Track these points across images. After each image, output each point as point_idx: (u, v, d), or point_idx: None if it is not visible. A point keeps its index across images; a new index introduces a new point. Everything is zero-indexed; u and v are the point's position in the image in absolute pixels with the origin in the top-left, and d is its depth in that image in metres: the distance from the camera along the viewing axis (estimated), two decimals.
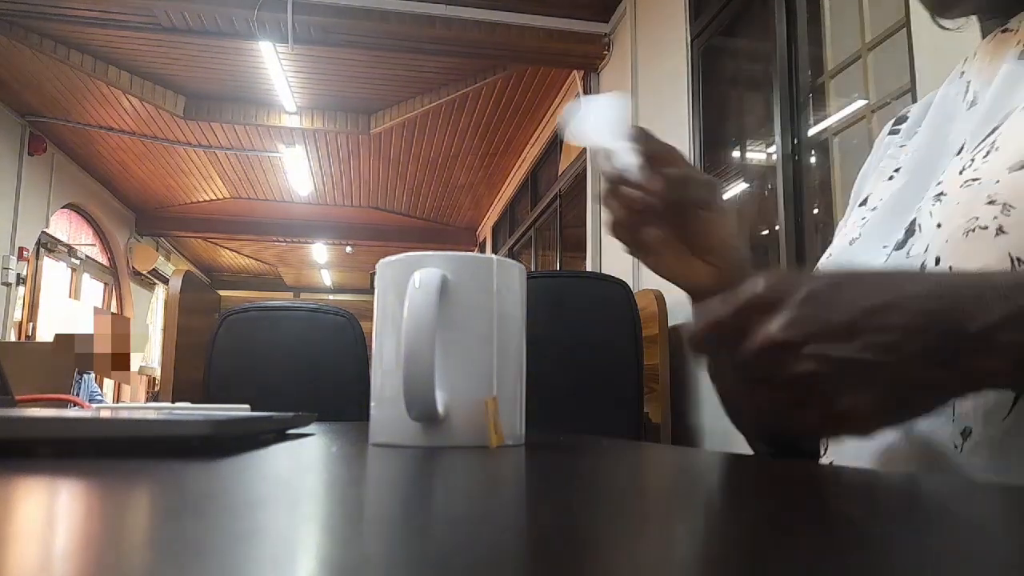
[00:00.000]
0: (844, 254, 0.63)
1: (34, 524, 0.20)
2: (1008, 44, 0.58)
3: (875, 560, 0.16)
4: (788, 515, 0.23)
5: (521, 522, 0.21)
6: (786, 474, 0.35)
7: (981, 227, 0.46)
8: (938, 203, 0.52)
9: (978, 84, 0.60)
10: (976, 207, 0.47)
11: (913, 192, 0.60)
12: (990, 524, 0.23)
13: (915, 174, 0.62)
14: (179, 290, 2.85)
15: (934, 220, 0.51)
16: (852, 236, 0.63)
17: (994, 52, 0.60)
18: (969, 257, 0.46)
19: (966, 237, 0.47)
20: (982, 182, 0.48)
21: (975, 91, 0.60)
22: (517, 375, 0.48)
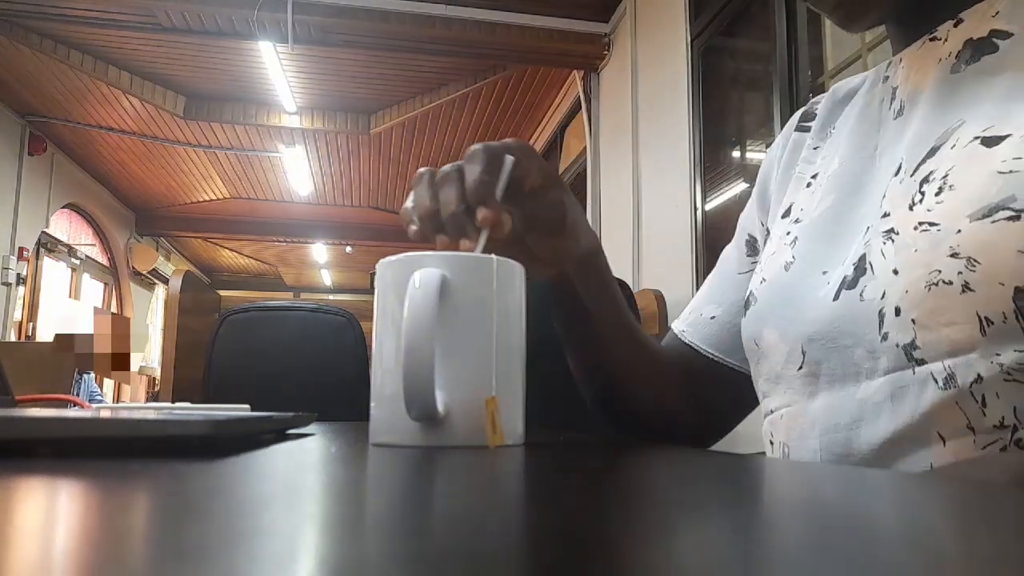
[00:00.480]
0: (781, 280, 0.60)
1: (34, 524, 0.20)
2: (936, 53, 0.57)
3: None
4: (789, 516, 0.23)
5: (521, 522, 0.21)
6: (786, 475, 0.35)
7: (945, 282, 0.45)
8: (890, 242, 0.50)
9: (905, 92, 0.58)
10: (937, 258, 0.45)
11: (845, 213, 0.58)
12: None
13: (844, 191, 0.60)
14: (179, 290, 2.84)
15: (888, 263, 0.49)
16: (785, 259, 0.61)
17: (922, 60, 0.58)
18: (934, 312, 0.45)
19: (928, 291, 0.45)
20: (942, 229, 0.46)
21: (902, 99, 0.59)
22: (517, 375, 0.48)
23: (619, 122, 4.02)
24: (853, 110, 0.66)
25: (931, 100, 0.55)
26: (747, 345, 0.64)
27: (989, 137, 0.48)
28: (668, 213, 3.29)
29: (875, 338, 0.49)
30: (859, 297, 0.50)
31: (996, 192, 0.44)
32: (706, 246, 3.05)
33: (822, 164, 0.66)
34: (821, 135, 0.70)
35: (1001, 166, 0.45)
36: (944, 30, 0.57)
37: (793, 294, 0.58)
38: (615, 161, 4.10)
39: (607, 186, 4.25)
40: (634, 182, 3.72)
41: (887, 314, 0.48)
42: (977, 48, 0.53)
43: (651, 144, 3.64)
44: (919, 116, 0.55)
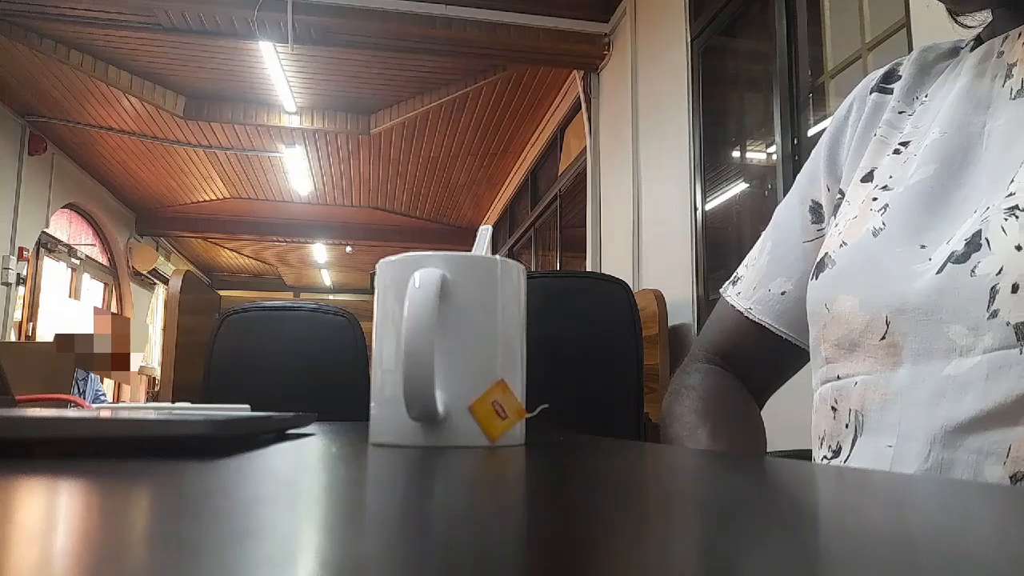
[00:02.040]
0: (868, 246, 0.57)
1: (34, 524, 0.20)
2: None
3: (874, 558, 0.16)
4: (789, 516, 0.23)
5: (521, 522, 0.21)
6: (787, 475, 0.35)
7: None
8: (1013, 219, 0.48)
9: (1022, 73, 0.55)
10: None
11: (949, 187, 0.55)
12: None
13: (946, 163, 0.57)
14: (179, 290, 2.84)
15: (1010, 240, 0.47)
16: (874, 224, 0.58)
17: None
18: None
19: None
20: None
21: (1022, 78, 0.56)
22: (517, 375, 0.48)
23: (619, 122, 4.02)
24: (956, 82, 0.62)
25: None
26: (813, 308, 0.61)
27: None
28: (668, 213, 3.29)
29: (981, 315, 0.47)
30: (970, 272, 0.48)
31: None
32: (706, 246, 3.05)
33: (914, 133, 0.63)
34: (907, 100, 0.67)
35: None
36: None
37: (882, 262, 0.55)
38: (615, 161, 4.10)
39: (607, 186, 4.25)
40: (634, 182, 3.72)
41: (1002, 290, 0.46)
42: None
43: (651, 144, 3.64)
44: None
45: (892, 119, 0.66)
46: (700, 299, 3.00)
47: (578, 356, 1.94)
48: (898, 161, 0.62)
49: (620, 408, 2.01)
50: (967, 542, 0.19)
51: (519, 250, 6.86)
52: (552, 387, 0.87)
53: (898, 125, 0.65)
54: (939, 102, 0.63)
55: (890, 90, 0.69)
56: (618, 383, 2.01)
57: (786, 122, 2.53)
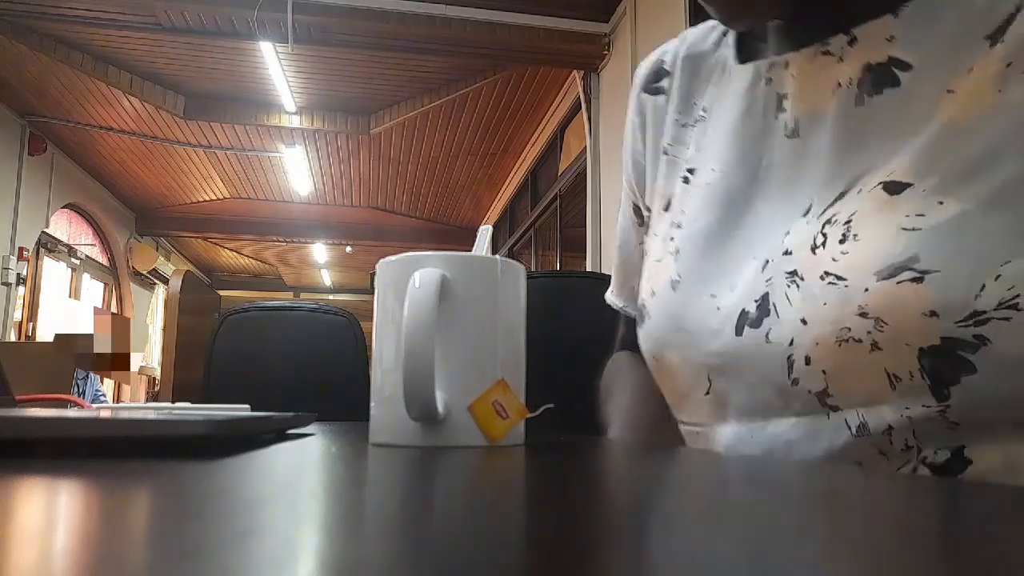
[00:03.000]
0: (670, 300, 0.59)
1: (34, 524, 0.20)
2: (832, 73, 0.54)
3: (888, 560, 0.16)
4: (790, 516, 0.23)
5: (521, 522, 0.21)
6: (787, 475, 0.35)
7: (855, 339, 0.46)
8: (795, 287, 0.49)
9: (799, 110, 0.56)
10: (847, 316, 0.46)
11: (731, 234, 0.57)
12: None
13: (727, 207, 0.58)
14: (179, 290, 2.85)
15: (796, 311, 0.49)
16: (671, 276, 0.60)
17: (815, 78, 0.55)
18: (844, 368, 0.46)
19: (839, 346, 0.46)
20: (849, 286, 0.46)
21: (796, 118, 0.56)
22: (517, 375, 0.48)
23: (619, 122, 3.99)
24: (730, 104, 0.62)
25: (834, 132, 0.53)
26: (648, 359, 0.63)
27: (892, 183, 0.48)
28: None
29: (784, 380, 0.49)
30: (765, 339, 0.50)
31: (901, 250, 0.45)
32: None
33: (697, 158, 0.63)
34: (685, 107, 0.67)
35: (905, 221, 0.45)
36: (837, 45, 0.54)
37: (686, 319, 0.57)
38: (615, 160, 4.10)
39: (607, 186, 4.25)
40: None
41: (796, 361, 0.49)
42: (877, 78, 0.52)
43: None
44: (825, 149, 0.53)
45: (676, 134, 0.67)
46: None
47: (578, 356, 1.94)
48: (687, 193, 0.63)
49: None
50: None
51: (519, 250, 6.86)
52: (552, 387, 0.86)
53: (683, 140, 0.66)
54: (716, 120, 0.63)
55: (662, 90, 0.70)
56: None
57: None
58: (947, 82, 0.49)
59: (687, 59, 0.69)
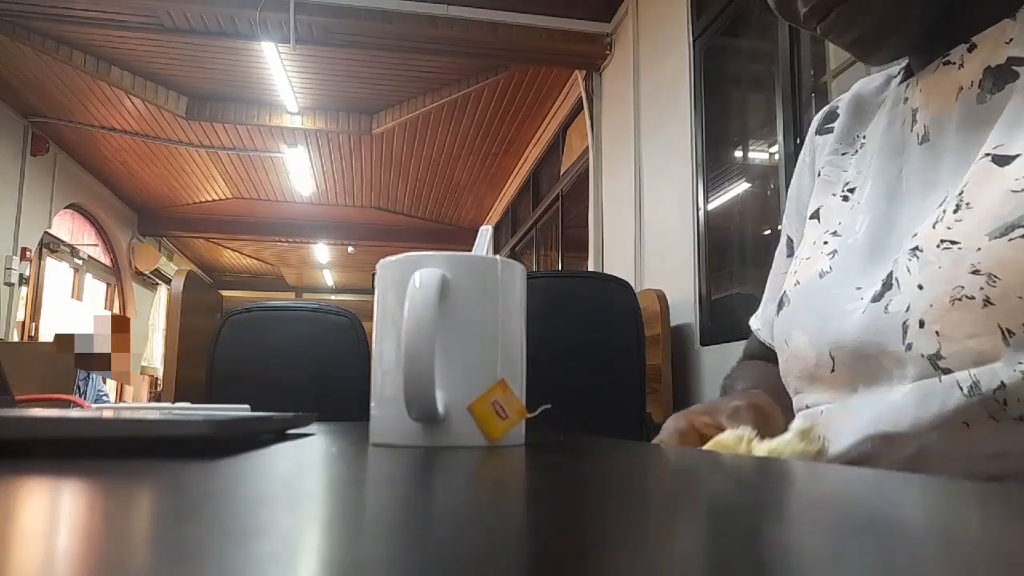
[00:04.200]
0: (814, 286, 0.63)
1: (34, 524, 0.20)
2: (954, 78, 0.58)
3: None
4: (790, 516, 0.23)
5: (521, 523, 0.21)
6: (788, 477, 0.35)
7: (968, 296, 0.47)
8: (915, 259, 0.52)
9: (928, 118, 0.60)
10: (960, 275, 0.48)
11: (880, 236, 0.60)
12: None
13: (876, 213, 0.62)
14: (181, 290, 2.85)
15: (913, 279, 0.52)
16: (821, 268, 0.63)
17: (939, 85, 0.59)
18: (957, 326, 0.48)
19: (952, 305, 0.48)
20: (963, 247, 0.48)
21: (925, 125, 0.60)
22: (518, 375, 0.48)
23: (621, 122, 4.02)
24: (878, 127, 0.67)
25: (961, 130, 0.56)
26: (777, 343, 0.67)
27: (1000, 156, 0.50)
28: (670, 213, 3.28)
29: (899, 348, 0.51)
30: (884, 309, 0.53)
31: (1011, 210, 0.46)
32: (708, 246, 3.05)
33: (857, 177, 0.67)
34: (848, 139, 0.71)
35: (1014, 184, 0.47)
36: (958, 54, 0.58)
37: (824, 302, 0.60)
38: (617, 161, 4.10)
39: (609, 185, 4.25)
40: (636, 182, 3.72)
41: (911, 326, 0.50)
42: (998, 76, 0.55)
43: (653, 144, 3.64)
44: (953, 147, 0.56)
45: (834, 160, 0.71)
46: (702, 299, 3.00)
47: (579, 356, 1.94)
48: (846, 208, 0.67)
49: (622, 408, 2.01)
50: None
51: (521, 250, 6.86)
52: (553, 387, 0.86)
53: (841, 165, 0.71)
54: (872, 146, 0.67)
55: (830, 129, 0.74)
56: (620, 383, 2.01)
57: (788, 122, 2.53)
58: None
59: (853, 99, 0.74)
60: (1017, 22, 0.55)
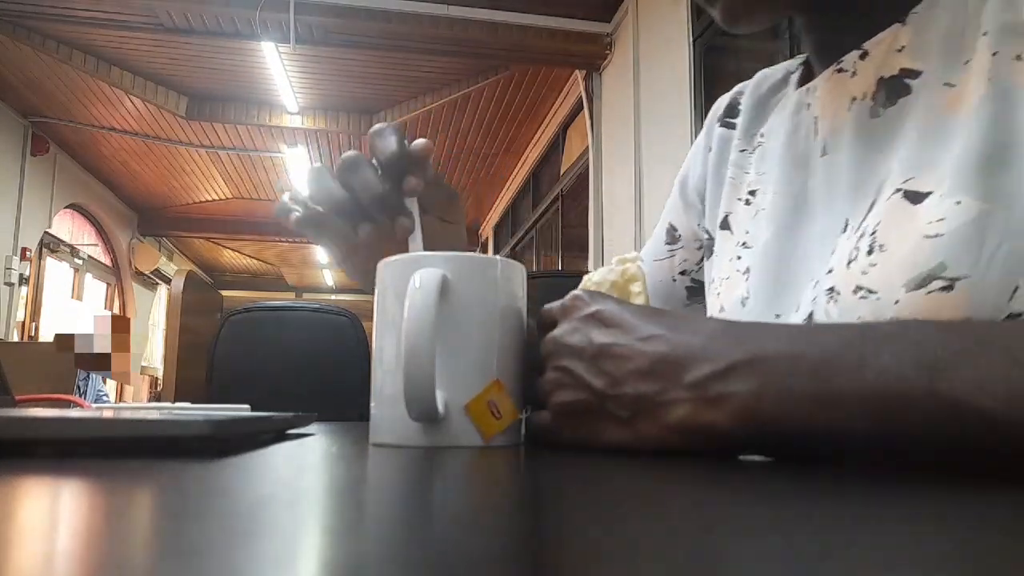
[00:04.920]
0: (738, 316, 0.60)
1: (34, 524, 0.20)
2: (847, 88, 0.56)
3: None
4: (791, 518, 0.23)
5: (521, 523, 0.21)
6: (789, 477, 0.35)
7: None
8: (833, 303, 0.50)
9: (826, 130, 0.58)
10: None
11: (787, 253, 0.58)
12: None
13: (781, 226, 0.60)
14: (182, 290, 2.85)
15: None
16: (742, 294, 0.61)
17: (834, 95, 0.57)
18: None
19: None
20: (880, 299, 0.46)
21: (824, 137, 0.58)
22: (518, 375, 0.48)
23: (621, 122, 4.02)
24: (780, 130, 0.64)
25: (855, 145, 0.55)
26: None
27: (912, 192, 0.48)
28: None
29: None
30: None
31: (927, 259, 0.45)
32: None
33: (757, 180, 0.66)
34: (748, 137, 0.69)
35: (928, 228, 0.46)
36: (850, 62, 0.56)
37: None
38: (617, 160, 4.10)
39: (609, 185, 4.25)
40: (636, 182, 3.72)
41: None
42: (891, 89, 0.53)
43: (653, 143, 3.64)
44: (848, 164, 0.55)
45: (737, 159, 0.69)
46: None
47: None
48: (750, 213, 0.65)
49: None
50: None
51: (521, 250, 6.86)
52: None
53: (743, 165, 0.68)
54: (770, 145, 0.65)
55: (733, 124, 0.72)
56: None
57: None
58: (948, 77, 0.50)
59: (753, 92, 0.72)
60: (908, 27, 0.53)
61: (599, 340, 0.43)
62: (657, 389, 0.40)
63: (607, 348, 0.43)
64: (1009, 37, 0.47)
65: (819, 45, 0.61)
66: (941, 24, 0.51)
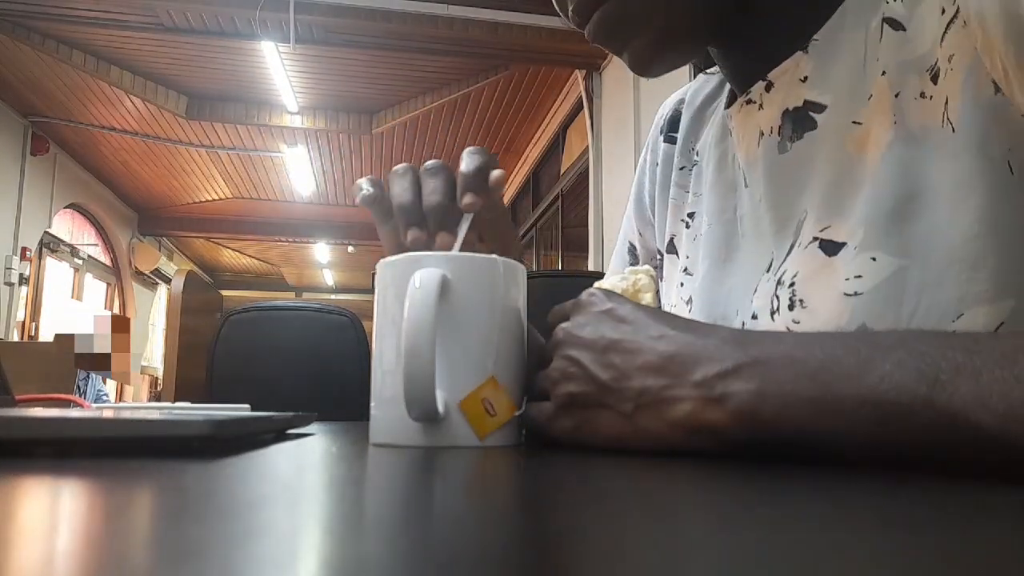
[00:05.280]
0: None
1: (34, 524, 0.20)
2: (755, 120, 0.55)
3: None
4: (791, 520, 0.23)
5: (520, 522, 0.21)
6: (788, 478, 0.35)
7: None
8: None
9: (745, 163, 0.57)
10: None
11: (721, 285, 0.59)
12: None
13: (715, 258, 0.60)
14: (182, 290, 2.85)
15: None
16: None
17: (745, 127, 0.57)
18: None
19: None
20: None
21: (744, 171, 0.58)
22: (518, 375, 0.48)
23: (621, 121, 4.02)
24: (711, 155, 0.63)
25: (769, 181, 0.54)
26: None
27: (828, 242, 0.48)
28: None
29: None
30: None
31: (848, 320, 0.45)
32: None
33: (694, 202, 0.65)
34: (685, 153, 0.69)
35: (845, 286, 0.46)
36: (757, 92, 0.55)
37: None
38: (617, 160, 4.10)
39: (609, 185, 4.25)
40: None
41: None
42: (797, 122, 0.52)
43: None
44: (766, 201, 0.55)
45: (678, 178, 0.69)
46: None
47: None
48: (690, 237, 0.65)
49: None
50: None
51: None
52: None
53: (683, 184, 0.68)
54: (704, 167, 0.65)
55: (674, 139, 0.71)
56: None
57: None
58: (855, 113, 0.49)
59: (691, 105, 0.71)
60: (810, 56, 0.51)
61: (610, 335, 0.43)
62: (662, 384, 0.40)
63: (617, 343, 0.43)
64: (908, 75, 0.46)
65: (731, 74, 0.59)
66: (842, 55, 0.50)
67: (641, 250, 0.76)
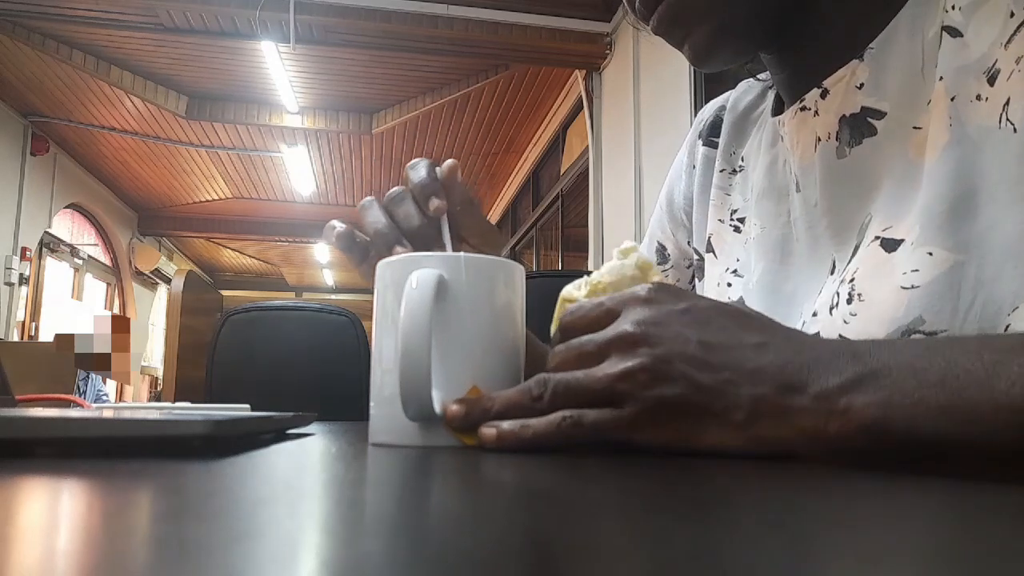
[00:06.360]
0: None
1: (34, 524, 0.20)
2: (811, 127, 0.56)
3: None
4: (791, 522, 0.23)
5: (520, 522, 0.21)
6: (788, 479, 0.35)
7: None
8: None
9: (799, 169, 0.58)
10: None
11: (778, 287, 0.59)
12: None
13: (771, 259, 0.60)
14: (181, 290, 2.85)
15: None
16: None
17: (799, 133, 0.58)
18: None
19: None
20: None
21: (797, 176, 0.58)
22: (516, 376, 0.48)
23: (621, 121, 4.02)
24: (760, 160, 0.64)
25: (826, 185, 0.55)
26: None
27: (888, 239, 0.49)
28: None
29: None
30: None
31: (904, 312, 0.45)
32: None
33: (744, 207, 0.66)
34: (728, 157, 0.70)
35: (903, 280, 0.46)
36: (812, 100, 0.56)
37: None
38: (617, 160, 4.10)
39: (609, 185, 4.25)
40: (636, 182, 3.72)
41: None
42: (855, 127, 0.53)
43: (653, 143, 3.64)
44: (823, 205, 0.55)
45: (720, 181, 0.69)
46: None
47: None
48: (740, 240, 0.65)
49: None
50: None
51: (521, 250, 6.86)
52: None
53: (725, 187, 0.69)
54: (752, 173, 0.66)
55: (715, 144, 0.72)
56: None
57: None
58: (915, 119, 0.50)
59: (732, 110, 0.72)
60: (865, 64, 0.53)
61: (701, 336, 0.40)
62: (780, 394, 0.38)
63: (714, 346, 0.40)
64: (964, 79, 0.47)
65: (784, 82, 0.61)
66: (898, 63, 0.51)
67: (674, 250, 0.77)
